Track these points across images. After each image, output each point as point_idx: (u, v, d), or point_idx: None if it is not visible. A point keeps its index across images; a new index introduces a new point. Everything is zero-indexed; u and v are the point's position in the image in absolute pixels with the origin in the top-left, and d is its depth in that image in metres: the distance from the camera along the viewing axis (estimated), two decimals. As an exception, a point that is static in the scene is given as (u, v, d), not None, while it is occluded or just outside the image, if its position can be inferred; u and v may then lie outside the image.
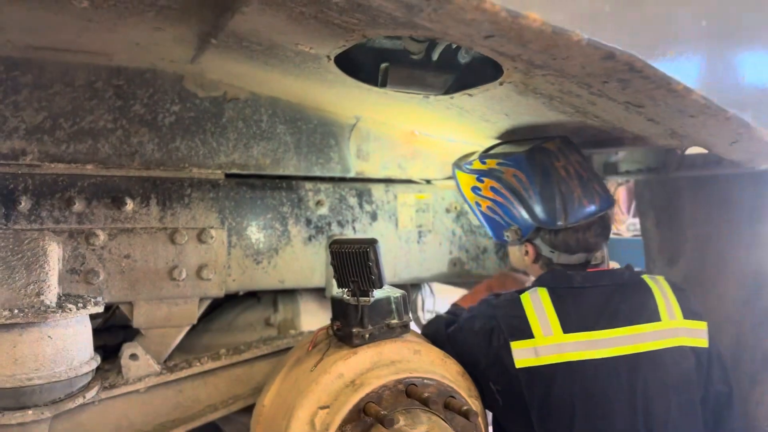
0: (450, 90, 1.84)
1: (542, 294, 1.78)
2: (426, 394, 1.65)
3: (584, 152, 1.93)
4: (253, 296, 2.64)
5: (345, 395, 1.65)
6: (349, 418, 1.61)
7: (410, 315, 1.84)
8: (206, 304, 2.17)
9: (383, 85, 1.79)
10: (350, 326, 1.75)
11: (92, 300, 1.87)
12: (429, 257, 2.57)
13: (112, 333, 2.44)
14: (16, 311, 1.70)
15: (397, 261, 2.51)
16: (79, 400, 1.80)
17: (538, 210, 1.88)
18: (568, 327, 1.72)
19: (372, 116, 2.35)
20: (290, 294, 2.55)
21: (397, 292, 1.83)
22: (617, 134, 1.76)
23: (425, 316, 2.84)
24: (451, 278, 2.63)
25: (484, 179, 2.02)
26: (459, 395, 1.74)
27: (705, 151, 2.10)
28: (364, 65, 1.83)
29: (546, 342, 1.71)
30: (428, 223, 2.56)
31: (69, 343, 1.79)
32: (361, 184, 2.42)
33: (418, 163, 2.51)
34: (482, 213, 2.11)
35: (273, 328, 2.51)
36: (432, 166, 2.55)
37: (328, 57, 1.64)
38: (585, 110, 1.65)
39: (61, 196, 1.94)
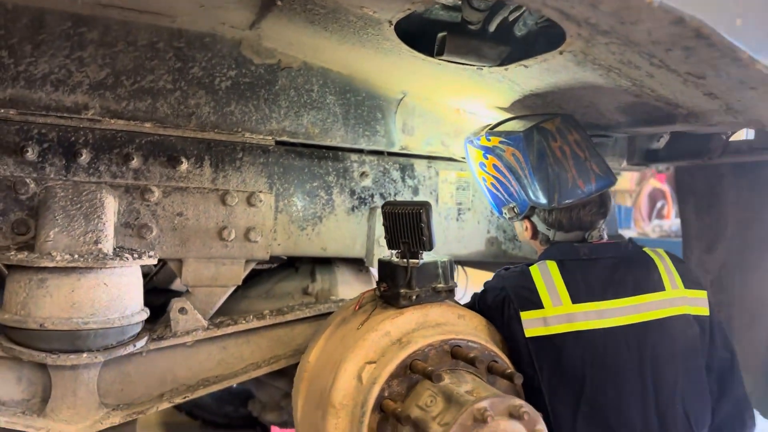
0: (504, 63, 1.88)
1: (551, 266, 1.83)
2: (472, 355, 1.68)
3: (633, 130, 1.96)
4: (291, 266, 2.69)
5: (392, 352, 1.69)
6: (395, 374, 1.65)
7: (455, 281, 1.87)
8: (251, 266, 2.22)
9: (439, 54, 1.83)
10: (398, 287, 1.79)
11: (146, 252, 1.92)
12: (467, 235, 2.61)
13: (155, 295, 2.50)
14: (75, 256, 1.76)
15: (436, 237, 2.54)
16: (130, 348, 1.86)
17: (533, 190, 1.94)
18: (576, 297, 1.76)
19: (419, 92, 2.38)
20: (327, 265, 2.59)
21: (444, 257, 1.87)
22: (670, 110, 1.79)
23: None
24: (487, 257, 2.66)
25: (488, 156, 2.09)
26: (501, 360, 1.77)
27: (750, 137, 2.12)
28: (420, 39, 1.87)
29: (555, 312, 1.75)
30: (468, 201, 2.59)
31: (123, 291, 1.85)
32: (405, 158, 2.46)
33: (461, 141, 2.54)
34: (487, 188, 2.18)
35: (311, 297, 2.55)
36: (474, 145, 2.57)
37: (390, 22, 1.68)
38: (642, 83, 1.67)
39: (120, 152, 1.99)
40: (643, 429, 1.69)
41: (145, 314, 1.95)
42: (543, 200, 1.92)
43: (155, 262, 1.97)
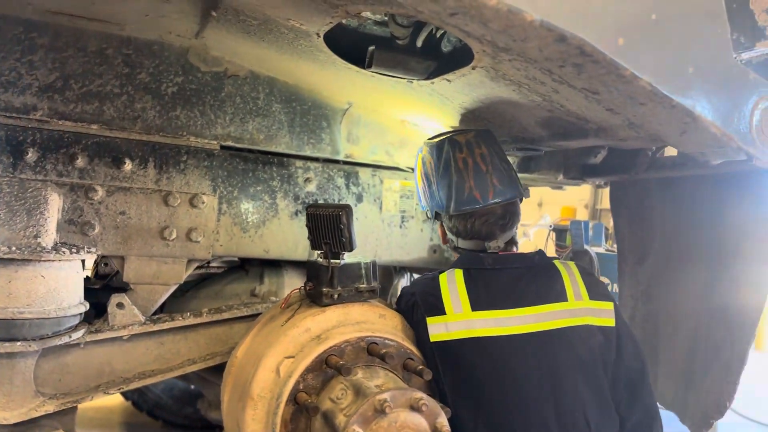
0: (432, 76, 1.98)
1: (457, 274, 1.92)
2: (384, 351, 1.76)
3: (555, 144, 2.06)
4: (242, 269, 2.77)
5: (310, 347, 1.78)
6: (311, 367, 1.73)
7: (378, 282, 1.96)
8: (194, 266, 2.30)
9: (369, 66, 1.93)
10: (321, 286, 1.87)
11: (85, 248, 2.01)
12: (410, 242, 2.70)
13: (108, 293, 2.58)
14: (13, 248, 1.85)
15: (379, 243, 2.63)
16: (65, 339, 1.94)
17: (438, 196, 2.07)
18: (477, 305, 1.84)
19: (363, 102, 2.49)
20: (276, 268, 2.67)
21: (368, 259, 1.95)
22: (581, 125, 1.89)
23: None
24: (430, 263, 2.75)
25: (419, 163, 2.22)
26: (417, 358, 1.85)
27: (674, 152, 2.22)
28: (358, 53, 1.97)
29: (456, 318, 1.84)
30: (411, 209, 2.69)
31: (60, 284, 1.93)
32: (350, 166, 2.56)
33: (406, 151, 2.65)
34: (417, 193, 2.30)
35: (257, 299, 2.63)
36: (419, 156, 2.68)
37: (318, 34, 1.78)
38: (550, 99, 1.77)
39: (66, 152, 2.08)
40: None
41: (83, 307, 2.03)
42: (441, 205, 2.04)
43: (94, 258, 2.05)
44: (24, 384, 1.93)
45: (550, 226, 6.73)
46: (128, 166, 2.14)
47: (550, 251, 7.79)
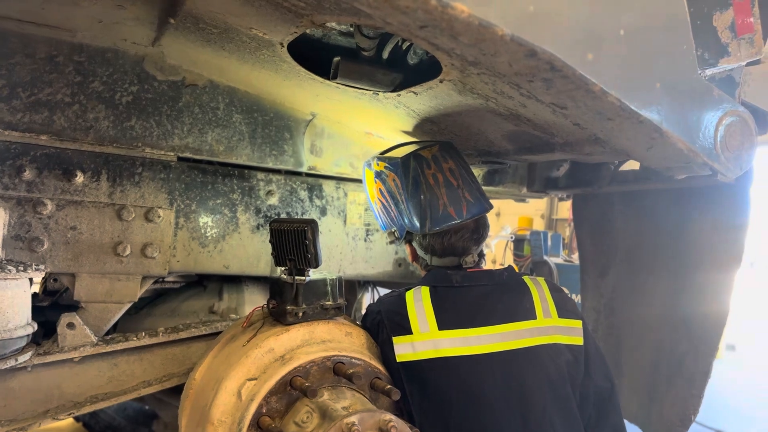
0: (398, 89, 1.95)
1: (424, 292, 1.87)
2: (351, 371, 1.71)
3: (521, 158, 2.05)
4: (200, 285, 2.67)
5: (273, 368, 1.71)
6: (275, 390, 1.66)
7: (344, 299, 1.90)
8: (149, 282, 2.20)
9: (334, 77, 1.89)
10: (285, 304, 1.81)
11: (33, 266, 1.89)
12: (375, 255, 2.65)
13: (58, 311, 2.45)
14: (-46, 267, 1.72)
15: (343, 257, 2.58)
16: (11, 362, 1.82)
17: (408, 215, 2.01)
18: (443, 324, 1.80)
19: (327, 114, 2.44)
20: (236, 283, 2.59)
21: (333, 275, 1.90)
22: (547, 139, 1.88)
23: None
24: (395, 278, 2.71)
25: (377, 180, 2.15)
26: (385, 377, 1.80)
27: (636, 167, 2.24)
28: (322, 64, 1.93)
29: (422, 338, 1.79)
30: (376, 222, 2.64)
31: (6, 305, 1.80)
32: (313, 179, 2.50)
33: (370, 164, 2.60)
34: (376, 212, 2.23)
35: (216, 316, 2.54)
36: (383, 169, 2.64)
37: (281, 44, 1.73)
38: (518, 113, 1.76)
39: (13, 164, 1.97)
40: None
41: (31, 328, 1.90)
42: (416, 226, 1.98)
43: (41, 276, 1.93)
44: (-36, 413, 1.80)
45: (511, 237, 6.79)
46: (80, 178, 2.04)
47: (509, 260, 7.87)
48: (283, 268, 1.85)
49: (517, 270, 2.04)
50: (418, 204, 1.96)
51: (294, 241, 1.76)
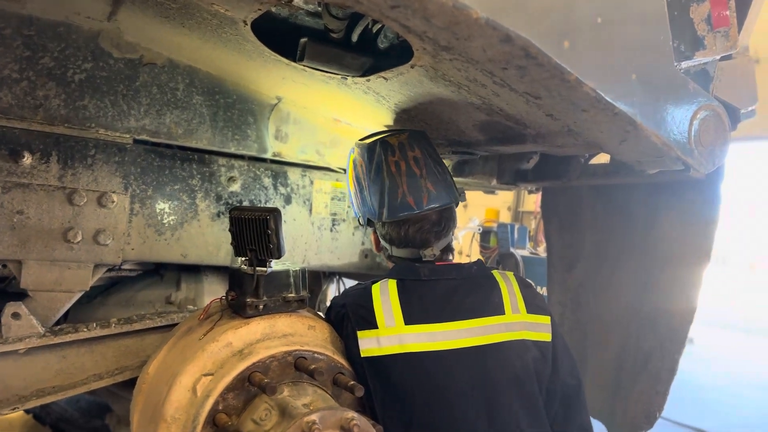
0: (367, 74, 1.88)
1: (390, 285, 1.81)
2: (313, 367, 1.64)
3: (492, 149, 2.00)
4: (157, 274, 2.57)
5: (231, 363, 1.63)
6: (232, 386, 1.59)
7: (308, 291, 1.83)
8: (102, 271, 2.09)
9: (301, 59, 1.81)
10: (245, 296, 1.73)
11: (-27, 252, 1.78)
12: (341, 246, 2.58)
13: (4, 300, 2.32)
14: None
15: (308, 247, 2.51)
16: (-53, 355, 1.70)
17: (369, 201, 1.95)
18: (410, 318, 1.74)
19: (293, 98, 2.35)
20: (194, 273, 2.49)
21: (297, 266, 1.82)
22: (520, 130, 1.84)
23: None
24: (361, 269, 2.65)
25: (350, 166, 2.09)
26: (348, 372, 1.74)
27: (607, 160, 2.22)
28: (288, 45, 1.84)
29: (388, 333, 1.73)
30: (343, 212, 2.57)
31: (-58, 293, 1.69)
32: (278, 165, 2.42)
33: (338, 152, 2.53)
34: (349, 197, 2.17)
35: (173, 307, 2.44)
36: (351, 156, 2.57)
37: (245, 22, 1.64)
38: (490, 102, 1.71)
39: (-47, 142, 1.84)
40: None
41: (-29, 319, 1.79)
42: (374, 212, 1.92)
43: (-17, 261, 1.82)
44: None
45: (479, 229, 6.79)
46: (27, 160, 1.91)
47: (475, 252, 7.88)
48: (243, 259, 1.77)
49: (484, 262, 1.99)
50: (378, 191, 1.90)
51: (255, 231, 1.68)
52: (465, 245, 7.81)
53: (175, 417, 1.59)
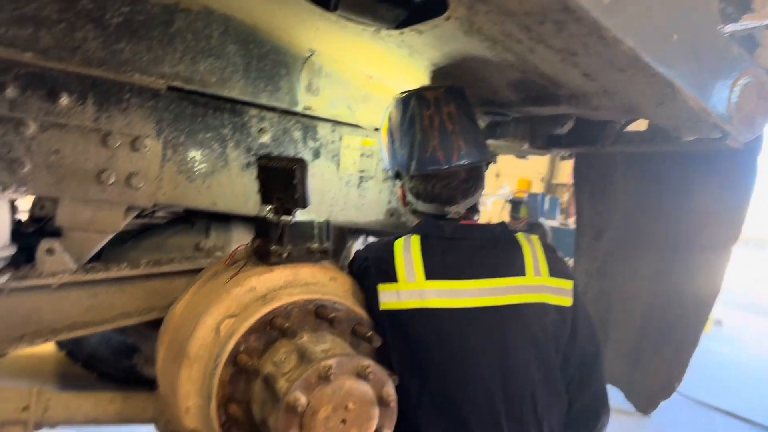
0: (401, 26, 1.86)
1: (414, 240, 1.82)
2: (333, 315, 1.67)
3: (525, 109, 1.97)
4: (187, 221, 2.62)
5: (254, 307, 1.67)
6: (254, 328, 1.63)
7: (331, 243, 1.85)
8: (133, 214, 2.14)
9: (335, 8, 1.79)
10: (269, 244, 1.75)
11: (13, 186, 1.83)
12: (367, 203, 2.59)
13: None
14: (-71, 182, 1.66)
15: (334, 202, 2.52)
16: (-14, 284, 1.78)
17: (400, 154, 1.94)
18: (431, 274, 1.75)
19: (326, 51, 2.34)
20: (224, 222, 2.53)
21: (322, 219, 1.84)
22: (554, 90, 1.80)
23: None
24: (387, 227, 2.66)
25: (385, 120, 2.08)
26: (367, 324, 1.77)
27: (642, 128, 2.16)
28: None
29: (408, 287, 1.75)
30: (371, 169, 2.57)
31: (-18, 224, 1.76)
32: (308, 119, 2.42)
33: (369, 108, 2.51)
34: (380, 150, 2.17)
35: (202, 254, 2.49)
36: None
37: (281, -32, 1.63)
38: (525, 59, 1.67)
39: (-6, 80, 1.88)
40: (489, 412, 1.70)
41: (9, 251, 1.87)
42: (403, 164, 1.92)
43: (23, 197, 1.87)
44: (-62, 329, 1.77)
45: (509, 197, 6.74)
46: (65, 100, 1.95)
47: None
48: (269, 207, 1.79)
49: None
50: (409, 143, 1.89)
51: (282, 180, 1.70)
52: (494, 213, 7.76)
53: (199, 355, 1.64)
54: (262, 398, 1.56)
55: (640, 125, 2.19)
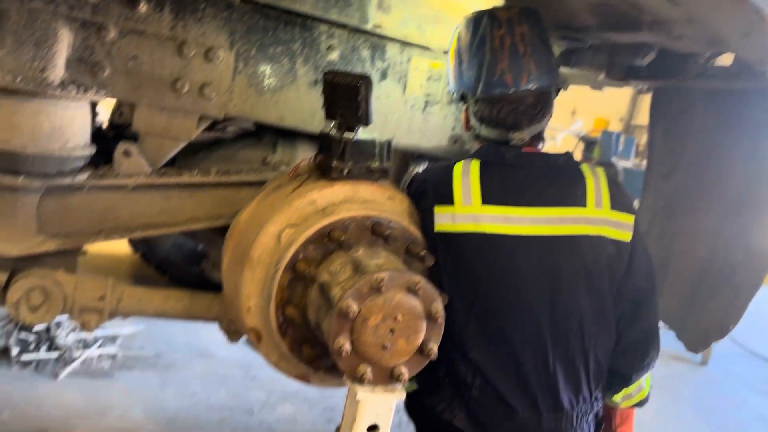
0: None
1: (473, 165, 1.80)
2: (388, 233, 1.72)
3: (603, 35, 1.88)
4: (256, 136, 2.69)
5: (314, 219, 1.73)
6: (313, 239, 1.70)
7: (391, 163, 1.87)
8: (205, 123, 2.22)
9: None
10: (331, 159, 1.79)
11: (93, 88, 1.93)
12: (431, 128, 2.58)
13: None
14: (19, 79, 1.77)
15: (398, 125, 2.52)
16: (68, 180, 1.92)
17: (467, 75, 1.88)
18: (487, 200, 1.74)
19: (400, -33, 2.28)
20: (291, 138, 2.59)
21: (384, 139, 1.86)
22: (636, 16, 1.71)
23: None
24: (449, 154, 2.65)
25: (453, 39, 2.01)
26: (421, 244, 1.81)
27: (726, 64, 2.04)
28: None
29: (464, 211, 1.75)
30: (437, 93, 2.54)
31: (66, 123, 1.88)
32: (377, 39, 2.39)
33: (440, 29, 2.46)
34: (447, 72, 2.11)
35: (269, 168, 2.57)
36: (453, 36, 2.50)
37: None
38: (607, -20, 1.59)
39: (78, -15, 1.95)
40: (535, 338, 1.73)
41: (89, 151, 1.99)
42: (469, 86, 1.87)
43: (102, 99, 1.98)
44: (26, 220, 1.93)
45: (581, 134, 6.51)
46: (143, 7, 2.00)
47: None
48: (332, 123, 1.82)
49: None
50: (477, 64, 1.84)
51: (346, 96, 1.72)
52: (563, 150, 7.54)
53: (261, 259, 1.73)
54: (317, 304, 1.64)
55: (725, 60, 2.07)
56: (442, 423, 1.83)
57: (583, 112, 12.32)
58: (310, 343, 1.75)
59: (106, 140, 2.37)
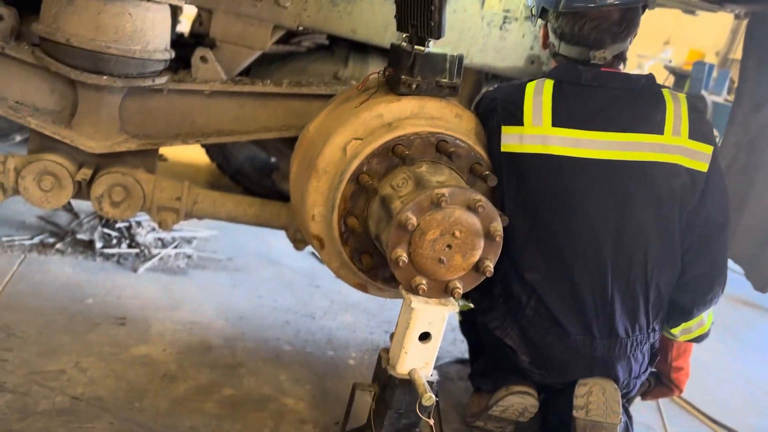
0: None
1: (547, 84, 1.75)
2: (453, 150, 1.72)
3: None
4: (328, 50, 2.69)
5: (379, 133, 1.75)
6: (377, 152, 1.72)
7: (461, 79, 1.84)
8: (279, 33, 2.24)
9: None
10: (400, 73, 1.78)
11: (174, -6, 1.97)
12: (508, 46, 2.49)
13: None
14: (104, -20, 1.83)
15: (473, 42, 2.45)
16: (149, 82, 2.00)
17: None
18: (558, 121, 1.70)
19: None
20: (362, 53, 2.58)
21: (455, 53, 1.82)
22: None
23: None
24: (525, 75, 2.56)
25: None
26: (485, 163, 1.80)
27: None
28: None
29: (532, 131, 1.72)
30: (516, 10, 2.44)
31: (147, 26, 1.93)
32: (456, -51, 2.30)
33: (523, -58, 2.34)
34: None
35: (340, 82, 2.58)
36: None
37: None
38: None
39: None
40: (595, 265, 1.72)
41: (169, 54, 2.06)
42: (550, 1, 1.78)
43: (182, 3, 2.01)
44: (109, 118, 2.04)
45: (670, 61, 6.11)
46: None
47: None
48: (404, 35, 1.80)
49: None
50: None
51: (419, 6, 1.68)
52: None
53: (326, 170, 1.78)
54: (378, 216, 1.68)
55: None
56: (495, 340, 1.88)
57: (677, 43, 11.52)
58: (369, 253, 1.81)
59: (186, 48, 2.44)
